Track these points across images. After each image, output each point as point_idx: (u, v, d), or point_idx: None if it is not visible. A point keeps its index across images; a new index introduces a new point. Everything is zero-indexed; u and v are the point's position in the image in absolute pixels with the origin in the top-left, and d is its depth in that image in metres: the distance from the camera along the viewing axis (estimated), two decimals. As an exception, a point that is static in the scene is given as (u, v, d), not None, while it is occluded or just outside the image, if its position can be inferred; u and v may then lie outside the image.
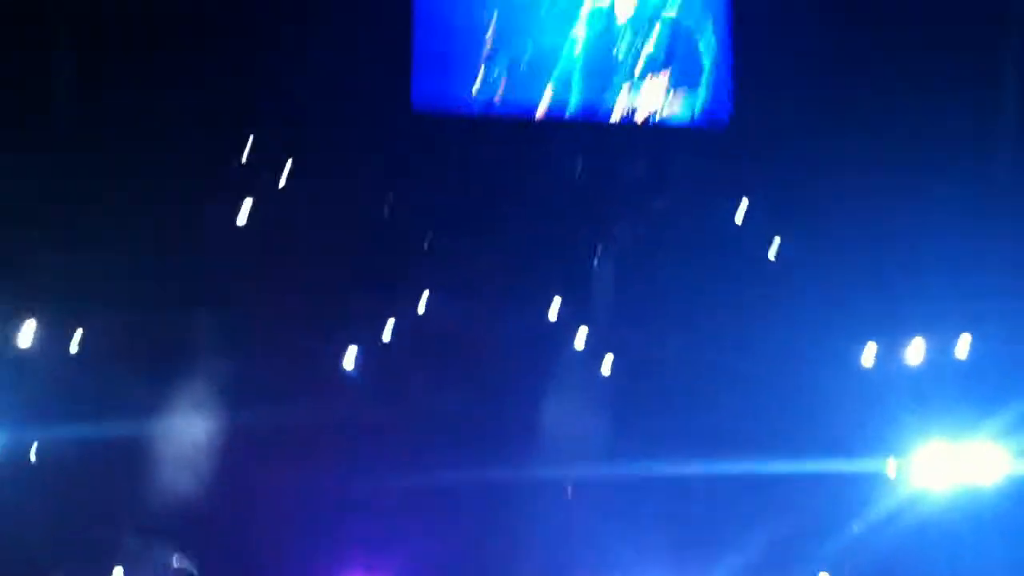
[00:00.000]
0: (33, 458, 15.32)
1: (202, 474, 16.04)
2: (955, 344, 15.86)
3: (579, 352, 16.81)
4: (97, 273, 15.06)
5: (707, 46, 16.41)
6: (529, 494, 16.45)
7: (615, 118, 16.48)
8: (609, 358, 17.12)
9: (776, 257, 16.55)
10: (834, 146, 16.08)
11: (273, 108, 16.22)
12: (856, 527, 15.08)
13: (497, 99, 16.43)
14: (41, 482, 14.99)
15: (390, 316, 16.75)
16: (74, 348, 15.51)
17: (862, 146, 16.00)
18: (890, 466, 15.38)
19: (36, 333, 15.37)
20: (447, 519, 16.19)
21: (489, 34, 16.38)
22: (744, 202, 16.64)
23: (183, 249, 15.61)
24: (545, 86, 16.52)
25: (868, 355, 16.15)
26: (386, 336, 16.87)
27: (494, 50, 16.36)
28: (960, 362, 15.79)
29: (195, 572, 15.64)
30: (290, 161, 16.39)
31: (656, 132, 16.54)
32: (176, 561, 15.21)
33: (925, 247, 15.39)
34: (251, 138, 16.26)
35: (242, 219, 16.21)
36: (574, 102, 16.55)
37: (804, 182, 16.25)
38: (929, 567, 14.25)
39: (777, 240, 16.60)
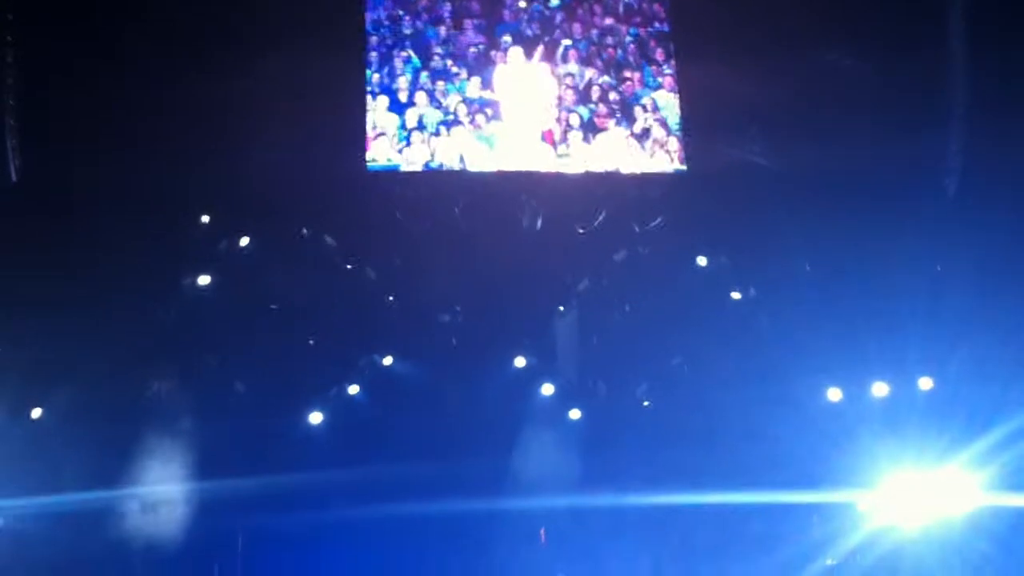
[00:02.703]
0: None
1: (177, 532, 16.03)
2: (919, 379, 16.06)
3: (547, 398, 16.94)
4: (62, 340, 14.98)
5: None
6: (502, 532, 16.48)
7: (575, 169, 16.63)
8: (576, 408, 17.30)
9: (739, 299, 16.72)
10: (789, 189, 16.35)
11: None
12: (829, 559, 15.12)
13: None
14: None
15: (357, 370, 16.88)
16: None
17: (818, 187, 16.24)
18: (860, 498, 15.48)
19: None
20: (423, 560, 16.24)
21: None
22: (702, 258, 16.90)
23: (146, 315, 15.59)
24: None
25: (834, 391, 16.35)
26: (353, 390, 16.95)
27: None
28: (926, 396, 15.98)
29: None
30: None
31: (614, 181, 16.71)
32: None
33: (888, 284, 15.56)
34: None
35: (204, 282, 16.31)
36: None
37: (763, 227, 16.43)
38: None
39: (735, 294, 16.80)
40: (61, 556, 15.03)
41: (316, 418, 16.92)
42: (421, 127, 16.19)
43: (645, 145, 16.47)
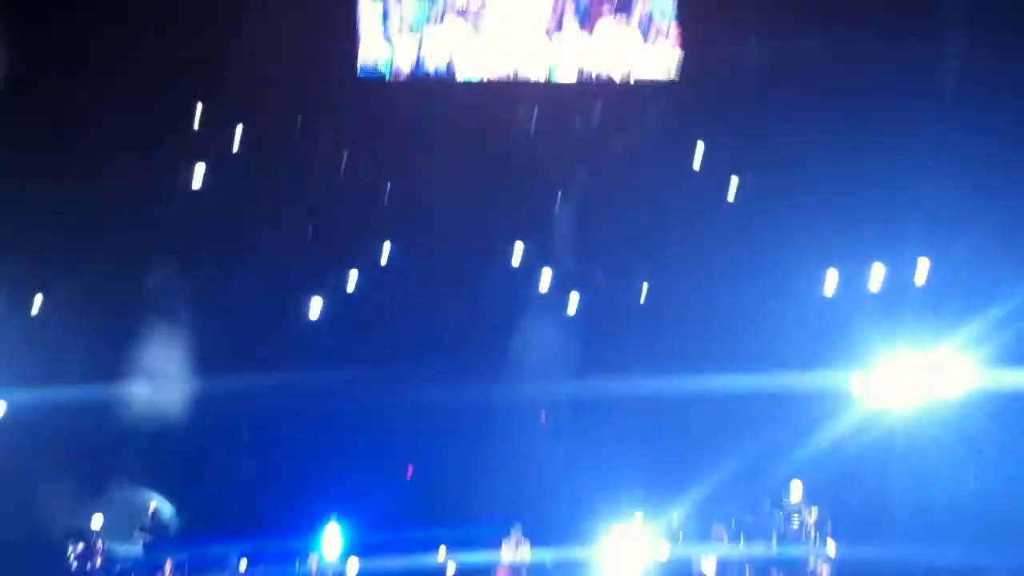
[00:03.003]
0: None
1: (179, 424, 16.18)
2: (916, 264, 16.16)
3: (545, 289, 17.05)
4: (59, 238, 15.01)
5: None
6: (503, 420, 16.65)
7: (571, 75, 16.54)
8: (574, 297, 17.43)
9: (737, 192, 16.73)
10: (785, 83, 16.28)
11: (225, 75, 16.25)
12: (822, 441, 15.32)
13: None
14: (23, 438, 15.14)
15: (353, 267, 16.96)
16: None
17: (814, 81, 16.18)
18: (854, 381, 15.64)
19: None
20: (424, 443, 16.44)
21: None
22: (701, 145, 16.85)
23: (140, 215, 15.59)
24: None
25: (831, 277, 16.48)
26: (350, 287, 17.05)
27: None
28: (920, 281, 16.08)
29: (172, 517, 15.71)
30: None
31: (615, 86, 16.64)
32: (154, 507, 15.30)
33: (883, 172, 15.57)
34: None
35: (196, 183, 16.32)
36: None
37: (760, 119, 16.38)
38: (892, 477, 14.42)
39: (735, 180, 16.79)
40: (62, 446, 15.31)
41: (315, 312, 17.07)
42: (412, 25, 16.07)
43: (644, 32, 16.35)
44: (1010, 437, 14.71)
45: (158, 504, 15.42)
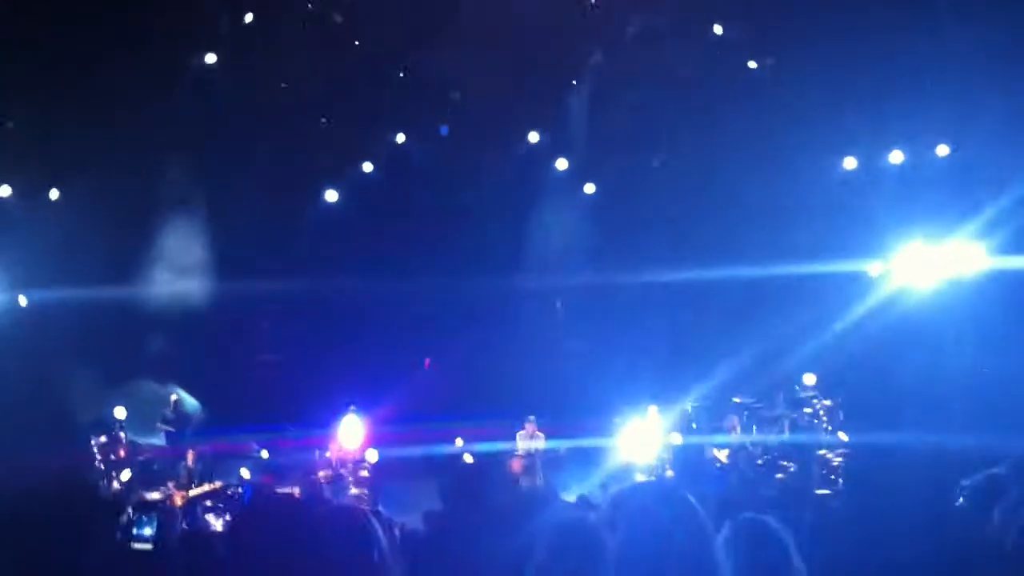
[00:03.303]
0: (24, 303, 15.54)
1: (200, 318, 16.37)
2: (935, 148, 15.91)
3: (561, 173, 16.92)
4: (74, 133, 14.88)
5: None
6: (519, 312, 16.79)
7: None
8: (590, 183, 17.31)
9: (756, 75, 16.37)
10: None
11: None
12: (836, 330, 15.35)
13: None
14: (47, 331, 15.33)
15: (370, 147, 16.82)
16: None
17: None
18: (871, 268, 15.58)
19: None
20: (438, 327, 16.64)
21: None
22: (718, 27, 16.40)
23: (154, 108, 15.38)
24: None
25: (848, 163, 16.29)
26: (367, 167, 16.92)
27: None
28: (940, 165, 15.86)
29: (194, 409, 15.99)
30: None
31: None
32: (175, 400, 15.55)
33: (904, 54, 15.17)
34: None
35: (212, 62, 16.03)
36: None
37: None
38: (905, 365, 14.43)
39: (752, 63, 16.42)
40: (85, 340, 15.51)
41: (331, 196, 17.02)
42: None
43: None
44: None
45: (180, 396, 15.65)
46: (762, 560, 3.64)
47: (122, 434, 14.34)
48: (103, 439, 14.09)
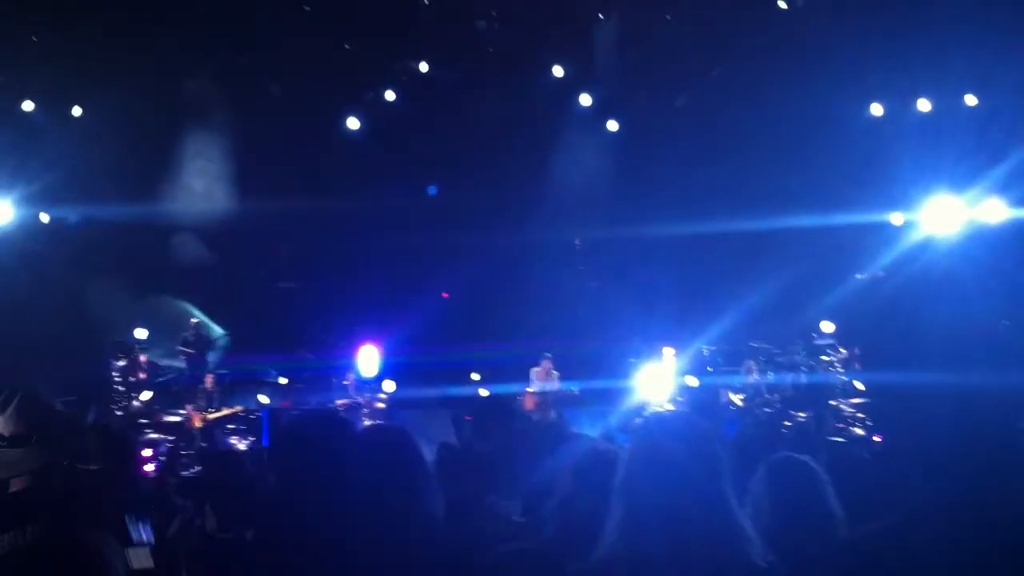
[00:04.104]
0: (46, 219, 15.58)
1: (221, 243, 16.39)
2: (962, 97, 15.72)
3: (585, 110, 16.78)
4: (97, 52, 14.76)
5: None
6: (538, 251, 16.75)
7: None
8: (613, 119, 17.17)
9: (784, 10, 16.09)
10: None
11: None
12: (862, 275, 15.31)
13: None
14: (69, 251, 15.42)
15: (394, 74, 16.68)
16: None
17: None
18: (896, 216, 15.50)
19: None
20: (458, 277, 16.62)
21: None
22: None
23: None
24: None
25: (874, 110, 16.12)
26: (389, 95, 16.80)
27: None
28: (967, 114, 15.68)
29: (214, 332, 16.09)
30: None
31: None
32: (196, 323, 15.64)
33: (933, 1, 14.92)
34: None
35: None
36: None
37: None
38: (924, 313, 14.38)
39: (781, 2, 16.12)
40: (107, 261, 15.60)
41: (353, 123, 16.93)
42: None
43: None
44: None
45: (201, 321, 15.74)
46: (797, 499, 3.64)
47: (142, 355, 14.47)
48: (123, 361, 14.21)
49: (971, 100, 15.71)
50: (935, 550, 3.40)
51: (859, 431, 13.41)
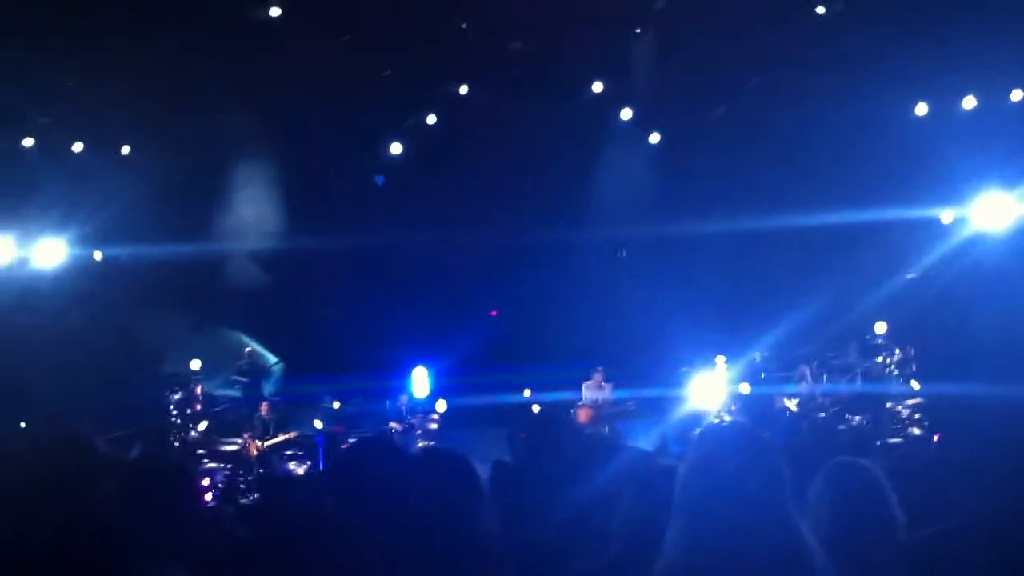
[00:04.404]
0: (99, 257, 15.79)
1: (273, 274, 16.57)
2: (1009, 93, 15.55)
3: (625, 123, 16.77)
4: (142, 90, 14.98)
5: None
6: (586, 263, 16.77)
7: None
8: (655, 133, 17.15)
9: (823, 14, 15.99)
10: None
11: None
12: (909, 278, 15.14)
13: None
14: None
15: (433, 99, 16.78)
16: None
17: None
18: (946, 214, 15.32)
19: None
20: (503, 278, 16.68)
21: None
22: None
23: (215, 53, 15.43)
24: None
25: (921, 106, 15.99)
26: (431, 119, 16.90)
27: None
28: (1014, 110, 15.50)
29: (268, 361, 16.24)
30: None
31: None
32: (250, 352, 15.81)
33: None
34: None
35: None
36: None
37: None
38: (978, 314, 14.18)
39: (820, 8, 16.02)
40: (162, 295, 15.80)
41: (396, 148, 17.05)
42: None
43: None
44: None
45: (254, 348, 15.90)
46: (858, 505, 3.57)
47: (198, 386, 14.65)
48: (179, 394, 14.41)
49: (1018, 96, 15.55)
50: (993, 555, 3.36)
51: (916, 431, 13.27)
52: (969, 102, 15.86)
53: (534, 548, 3.97)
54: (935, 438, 12.33)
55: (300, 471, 13.15)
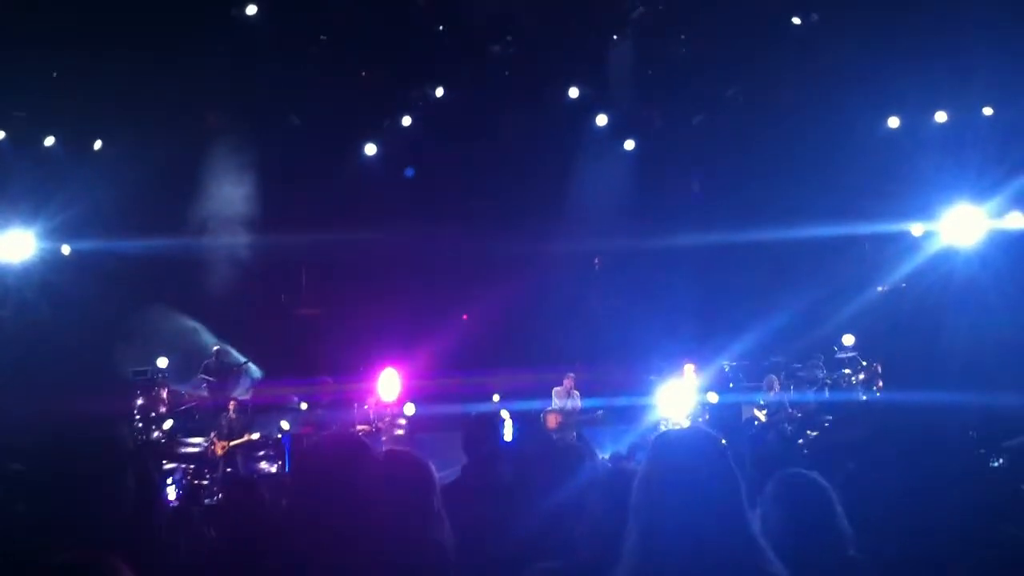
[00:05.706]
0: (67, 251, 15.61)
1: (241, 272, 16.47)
2: (980, 109, 15.66)
3: (601, 129, 16.78)
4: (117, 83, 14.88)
5: None
6: (557, 266, 16.73)
7: None
8: (630, 139, 17.16)
9: (799, 25, 16.08)
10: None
11: None
12: (883, 286, 15.21)
13: None
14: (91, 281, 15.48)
15: (409, 101, 16.73)
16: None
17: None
18: (916, 227, 15.41)
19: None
20: (476, 283, 16.64)
21: None
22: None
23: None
24: None
25: (892, 121, 16.09)
26: (405, 121, 16.85)
27: None
28: (984, 125, 15.62)
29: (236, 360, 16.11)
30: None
31: None
32: (217, 351, 15.67)
33: (948, 14, 14.86)
34: None
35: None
36: None
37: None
38: (947, 327, 14.27)
39: (795, 19, 16.11)
40: (129, 290, 15.67)
41: (370, 150, 17.00)
42: None
43: None
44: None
45: (221, 347, 15.78)
46: (805, 517, 3.61)
47: (165, 386, 14.53)
48: (145, 390, 14.28)
49: (988, 112, 15.68)
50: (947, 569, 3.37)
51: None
52: (940, 116, 15.99)
53: (489, 558, 3.95)
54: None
55: (267, 471, 13.05)
